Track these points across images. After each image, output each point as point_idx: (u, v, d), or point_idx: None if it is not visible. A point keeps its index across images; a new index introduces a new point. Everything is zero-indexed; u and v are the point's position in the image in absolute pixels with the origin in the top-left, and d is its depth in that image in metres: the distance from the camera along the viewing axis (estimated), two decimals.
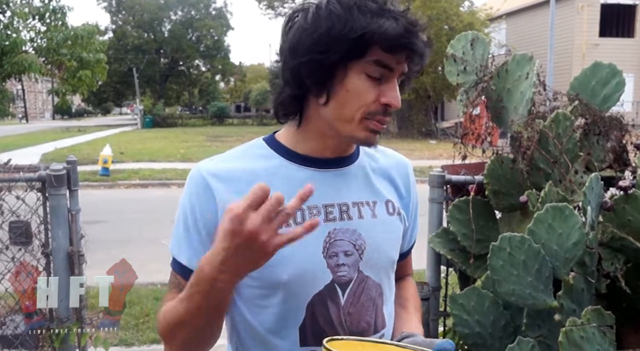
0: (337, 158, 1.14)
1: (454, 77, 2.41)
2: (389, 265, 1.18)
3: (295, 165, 1.11)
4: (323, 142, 1.11)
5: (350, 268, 1.10)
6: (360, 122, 1.03)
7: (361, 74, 1.01)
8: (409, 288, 1.35)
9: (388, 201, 1.18)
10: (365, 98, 1.02)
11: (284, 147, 1.13)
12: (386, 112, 1.03)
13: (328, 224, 1.09)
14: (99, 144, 16.70)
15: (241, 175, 1.08)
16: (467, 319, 2.01)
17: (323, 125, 1.08)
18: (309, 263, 1.07)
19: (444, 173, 2.44)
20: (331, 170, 1.13)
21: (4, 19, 10.69)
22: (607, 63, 2.28)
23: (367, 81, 1.01)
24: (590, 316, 1.70)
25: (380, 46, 0.99)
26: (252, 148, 1.15)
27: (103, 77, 12.23)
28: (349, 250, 1.10)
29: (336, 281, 1.09)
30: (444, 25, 22.80)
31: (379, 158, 1.23)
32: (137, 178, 12.54)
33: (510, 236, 1.73)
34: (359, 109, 1.02)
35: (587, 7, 21.58)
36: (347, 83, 1.02)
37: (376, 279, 1.14)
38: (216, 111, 42.64)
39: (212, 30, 46.28)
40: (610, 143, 2.22)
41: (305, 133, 1.11)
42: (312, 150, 1.12)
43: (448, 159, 2.52)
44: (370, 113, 1.03)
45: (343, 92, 1.02)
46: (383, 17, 0.98)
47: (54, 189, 2.21)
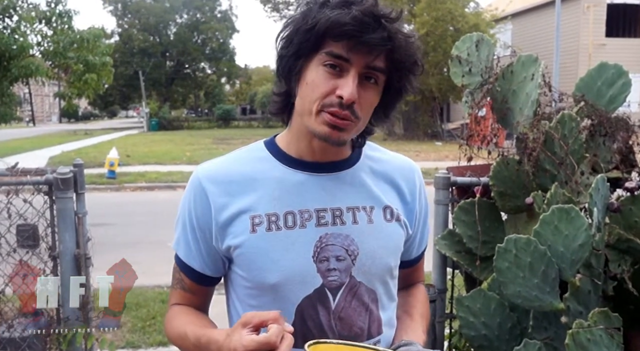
0: (332, 162, 1.14)
1: (459, 79, 2.40)
2: (384, 272, 1.16)
3: (291, 169, 1.12)
4: (309, 143, 1.11)
5: (342, 273, 1.10)
6: (317, 115, 1.04)
7: (319, 66, 1.03)
8: (417, 295, 1.33)
9: (387, 207, 1.17)
10: (321, 89, 1.02)
11: (280, 150, 1.15)
12: (342, 105, 1.01)
13: (320, 229, 1.10)
14: (106, 147, 16.75)
15: (237, 177, 1.11)
16: (473, 321, 2.01)
17: (301, 124, 1.10)
18: (298, 267, 1.08)
19: (449, 175, 2.43)
20: (326, 174, 1.13)
21: (11, 23, 10.75)
22: (613, 63, 2.27)
23: (324, 73, 1.02)
24: (597, 319, 1.69)
25: (330, 37, 1.00)
26: (252, 151, 1.18)
27: (109, 80, 12.28)
28: (340, 255, 1.10)
29: (326, 285, 1.09)
30: (449, 26, 22.77)
31: (384, 162, 1.22)
32: (143, 181, 12.57)
33: (516, 238, 1.72)
34: (315, 101, 1.03)
35: (593, 7, 21.48)
36: (306, 76, 1.04)
37: (369, 285, 1.14)
38: (222, 114, 42.70)
39: (218, 33, 46.36)
40: (616, 144, 2.21)
41: (294, 133, 1.14)
42: (303, 152, 1.13)
43: (454, 161, 2.51)
44: (325, 105, 1.02)
45: (304, 85, 1.05)
46: (339, 9, 0.99)
47: (61, 192, 2.22)
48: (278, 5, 35.00)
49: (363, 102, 1.03)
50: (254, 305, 1.11)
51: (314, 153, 1.12)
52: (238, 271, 1.12)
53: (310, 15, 1.01)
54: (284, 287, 1.08)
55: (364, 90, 1.03)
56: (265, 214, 1.09)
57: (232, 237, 1.09)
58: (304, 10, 1.04)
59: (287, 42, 1.05)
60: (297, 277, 1.08)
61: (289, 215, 1.09)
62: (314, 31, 1.00)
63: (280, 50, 1.07)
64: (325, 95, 1.02)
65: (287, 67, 1.07)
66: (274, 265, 1.07)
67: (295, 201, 1.10)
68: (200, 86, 49.29)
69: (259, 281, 1.09)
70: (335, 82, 1.02)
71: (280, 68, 1.09)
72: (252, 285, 1.11)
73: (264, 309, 1.07)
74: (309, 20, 1.01)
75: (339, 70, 1.02)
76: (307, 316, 1.09)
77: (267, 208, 1.09)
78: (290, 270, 1.07)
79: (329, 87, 1.02)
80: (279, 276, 1.07)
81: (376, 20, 0.99)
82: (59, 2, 11.43)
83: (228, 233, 1.10)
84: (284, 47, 1.06)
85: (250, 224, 1.08)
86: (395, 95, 1.10)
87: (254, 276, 1.09)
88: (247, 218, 1.09)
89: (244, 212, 1.09)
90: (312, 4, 1.03)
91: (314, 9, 1.02)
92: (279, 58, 1.07)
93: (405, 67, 1.05)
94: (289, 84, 1.09)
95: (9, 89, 10.41)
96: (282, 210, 1.09)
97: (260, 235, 1.08)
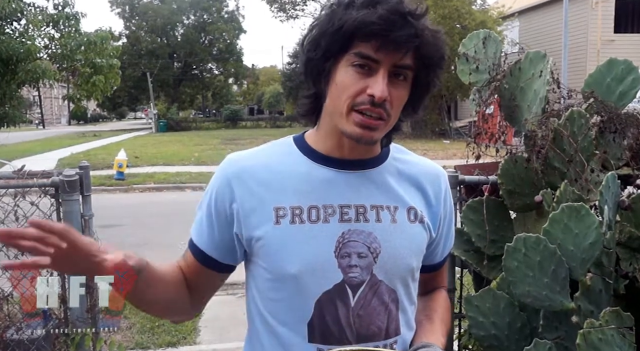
0: (359, 160, 1.15)
1: (466, 76, 2.39)
2: (406, 272, 1.15)
3: (316, 164, 1.14)
4: (338, 141, 1.13)
5: (363, 270, 1.10)
6: (348, 115, 1.05)
7: (348, 67, 1.03)
8: (438, 299, 1.32)
9: (410, 208, 1.16)
10: (351, 89, 1.03)
11: (308, 145, 1.16)
12: (374, 103, 1.02)
13: (343, 224, 1.10)
14: (114, 149, 16.84)
15: (264, 170, 1.13)
16: (482, 321, 1.99)
17: (331, 123, 1.11)
18: (319, 259, 1.08)
19: (457, 173, 2.42)
20: (352, 171, 1.14)
21: (19, 27, 10.83)
22: (622, 59, 2.25)
23: (353, 73, 1.03)
24: (609, 318, 1.67)
25: (358, 37, 1.01)
26: (280, 146, 1.20)
27: (116, 82, 12.34)
28: (362, 252, 1.10)
29: (347, 282, 1.09)
30: (456, 23, 22.70)
31: (411, 164, 1.22)
32: (152, 182, 12.62)
33: (525, 236, 1.71)
34: (346, 101, 1.04)
35: (601, 3, 21.33)
36: (336, 77, 1.05)
37: (390, 284, 1.13)
38: (229, 114, 42.82)
39: (225, 33, 46.46)
40: (626, 140, 2.19)
41: (322, 132, 1.15)
42: (331, 149, 1.14)
43: (462, 159, 2.50)
44: (356, 104, 1.03)
45: (334, 86, 1.06)
46: (364, 9, 1.00)
47: (67, 195, 2.23)
48: (284, 5, 35.03)
49: (394, 99, 1.04)
50: (274, 298, 1.12)
51: (342, 151, 1.13)
52: (260, 263, 1.13)
53: (336, 16, 1.02)
54: (304, 279, 1.08)
55: (394, 87, 1.04)
56: (289, 207, 1.10)
57: (255, 228, 1.10)
58: (328, 12, 1.05)
59: (314, 45, 1.06)
60: (318, 270, 1.08)
61: (313, 209, 1.10)
62: (342, 32, 1.01)
63: (308, 53, 1.07)
64: (356, 95, 1.03)
65: (315, 70, 1.08)
66: (295, 256, 1.08)
67: (320, 196, 1.11)
68: (207, 87, 49.43)
69: (280, 272, 1.09)
70: (365, 82, 1.02)
71: (308, 71, 1.10)
72: (273, 277, 1.11)
73: (284, 303, 1.11)
74: (335, 21, 1.02)
75: (368, 70, 1.02)
76: (326, 311, 1.09)
77: (292, 202, 1.10)
78: (311, 261, 1.08)
79: (359, 86, 1.02)
80: (300, 266, 1.08)
81: (403, 18, 0.99)
82: (66, 5, 11.49)
83: (251, 223, 1.11)
84: (312, 50, 1.06)
85: (274, 216, 1.10)
86: (423, 90, 1.11)
87: (275, 267, 1.10)
88: (271, 209, 1.10)
89: (268, 204, 1.10)
90: (337, 5, 1.04)
91: (339, 10, 1.02)
92: (307, 61, 1.08)
93: (434, 62, 1.06)
94: (318, 86, 1.10)
95: (18, 92, 10.48)
96: (307, 204, 1.10)
97: (284, 227, 1.09)
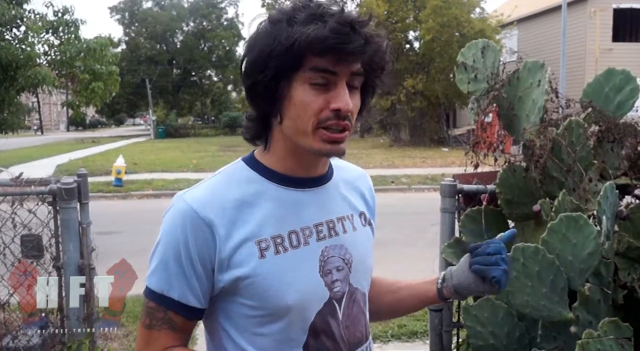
0: (319, 177, 1.15)
1: (465, 86, 2.39)
2: (369, 274, 1.22)
3: (282, 187, 1.10)
4: (298, 160, 1.10)
5: (343, 282, 1.12)
6: (314, 133, 1.02)
7: (305, 85, 1.00)
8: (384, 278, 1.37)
9: (361, 213, 1.22)
10: (314, 107, 1.00)
11: (266, 167, 1.11)
12: (339, 117, 1.01)
13: (320, 243, 1.11)
14: (113, 155, 16.81)
15: (231, 203, 1.06)
16: (481, 331, 1.98)
17: (290, 144, 1.07)
18: (310, 284, 1.08)
19: (455, 182, 2.41)
20: (315, 188, 1.14)
21: (18, 33, 10.83)
22: (620, 69, 2.25)
23: (311, 90, 1.00)
24: (607, 328, 1.66)
25: (311, 53, 0.98)
26: (235, 174, 1.12)
27: (115, 88, 12.32)
28: (339, 265, 1.12)
29: (333, 297, 1.11)
30: (455, 32, 22.77)
31: (346, 170, 1.25)
32: (150, 189, 12.59)
33: (523, 246, 1.71)
34: (309, 120, 1.01)
35: (599, 12, 21.41)
36: (293, 96, 1.01)
37: (362, 289, 1.18)
38: (228, 121, 42.83)
39: (224, 40, 46.54)
40: (625, 150, 2.19)
41: (280, 153, 1.10)
42: (291, 169, 1.11)
43: (461, 167, 2.50)
44: (321, 121, 1.01)
45: (291, 107, 1.02)
46: (310, 24, 0.97)
47: (65, 202, 2.22)
48: None
49: (354, 108, 1.04)
50: (264, 333, 1.07)
51: (303, 169, 1.11)
52: (242, 301, 1.07)
53: (281, 34, 0.98)
54: (300, 307, 1.06)
55: (352, 96, 1.03)
56: (270, 237, 1.06)
57: (239, 267, 1.04)
58: (267, 31, 1.00)
59: (261, 67, 1.00)
60: (312, 294, 1.08)
61: (293, 234, 1.08)
62: (293, 50, 0.97)
63: (253, 75, 1.02)
64: (319, 111, 1.01)
65: (264, 92, 1.03)
66: (289, 287, 1.05)
67: (295, 219, 1.09)
68: (206, 93, 49.47)
69: (275, 306, 1.05)
70: (325, 97, 1.00)
71: (255, 94, 1.05)
72: (265, 313, 1.06)
73: (276, 336, 1.06)
74: (282, 40, 0.97)
75: (326, 84, 1.00)
76: (320, 331, 1.09)
77: (271, 231, 1.06)
78: (304, 289, 1.07)
79: (321, 103, 1.00)
80: (296, 297, 1.05)
81: (352, 28, 0.98)
82: (66, 12, 11.50)
83: (233, 263, 1.04)
84: (258, 72, 1.01)
85: (257, 250, 1.05)
86: (371, 93, 1.12)
87: (267, 303, 1.05)
88: (253, 244, 1.05)
89: (248, 239, 1.05)
90: (274, 22, 1.01)
91: (282, 27, 0.99)
92: (253, 84, 1.03)
93: (381, 66, 1.06)
94: (268, 108, 1.05)
95: (17, 99, 10.47)
96: (286, 231, 1.08)
97: (270, 260, 1.05)
